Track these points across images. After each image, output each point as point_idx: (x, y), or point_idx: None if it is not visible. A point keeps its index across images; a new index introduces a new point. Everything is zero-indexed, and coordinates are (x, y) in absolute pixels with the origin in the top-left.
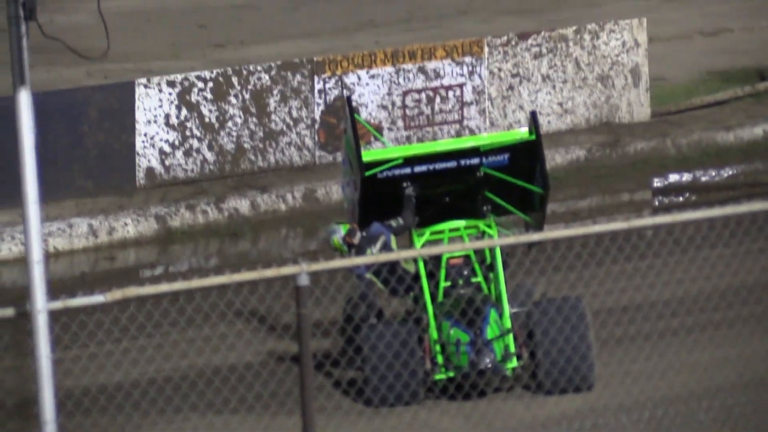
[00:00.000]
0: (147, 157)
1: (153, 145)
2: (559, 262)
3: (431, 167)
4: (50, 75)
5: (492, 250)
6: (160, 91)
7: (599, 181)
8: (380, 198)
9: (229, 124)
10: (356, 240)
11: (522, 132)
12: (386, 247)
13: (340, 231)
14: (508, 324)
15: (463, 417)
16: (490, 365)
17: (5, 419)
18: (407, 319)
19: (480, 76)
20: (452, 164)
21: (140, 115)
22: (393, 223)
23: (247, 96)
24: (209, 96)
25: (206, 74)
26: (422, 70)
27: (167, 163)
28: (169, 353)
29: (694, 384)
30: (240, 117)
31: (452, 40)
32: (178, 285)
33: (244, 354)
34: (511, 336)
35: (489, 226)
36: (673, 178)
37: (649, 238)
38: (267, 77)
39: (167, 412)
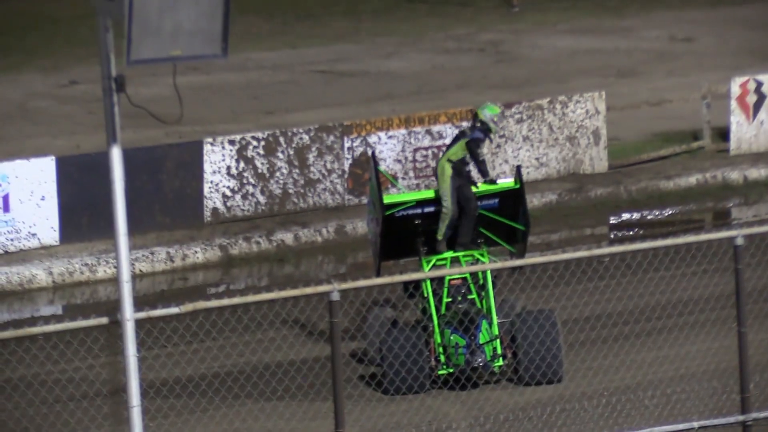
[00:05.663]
0: (212, 200)
1: (217, 190)
2: (536, 282)
3: (437, 208)
4: (136, 135)
5: (484, 273)
6: (223, 147)
7: (567, 219)
8: (397, 231)
9: (277, 173)
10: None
11: (508, 182)
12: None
13: (488, 112)
14: (496, 331)
15: (460, 403)
16: (481, 363)
17: (102, 403)
18: (416, 326)
19: None
20: None
21: (207, 167)
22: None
23: (291, 152)
24: (261, 152)
25: (259, 135)
26: (429, 132)
27: (228, 204)
28: (230, 353)
29: (641, 377)
30: (285, 168)
31: (452, 108)
32: (237, 300)
33: (288, 353)
34: (498, 341)
35: (482, 255)
36: (626, 216)
37: (606, 263)
38: (307, 137)
39: (228, 398)
